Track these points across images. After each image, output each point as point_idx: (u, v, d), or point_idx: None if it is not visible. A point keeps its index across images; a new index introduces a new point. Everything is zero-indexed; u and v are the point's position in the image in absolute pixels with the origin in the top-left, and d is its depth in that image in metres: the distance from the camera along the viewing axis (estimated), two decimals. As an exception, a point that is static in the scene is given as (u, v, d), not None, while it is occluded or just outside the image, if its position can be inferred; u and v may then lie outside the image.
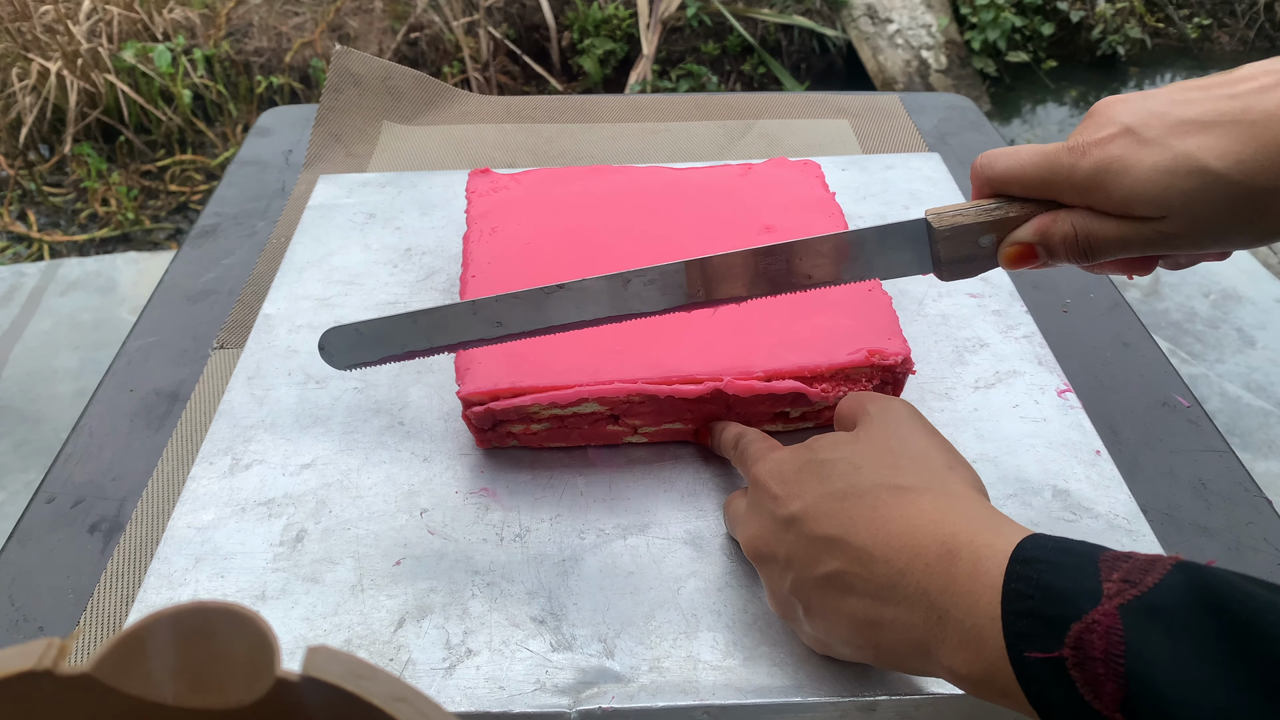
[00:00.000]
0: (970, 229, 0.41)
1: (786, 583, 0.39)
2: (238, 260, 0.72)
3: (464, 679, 0.42)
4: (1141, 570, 0.28)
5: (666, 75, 2.75)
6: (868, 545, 0.35)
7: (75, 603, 0.48)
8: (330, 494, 0.51)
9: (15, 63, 2.38)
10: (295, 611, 0.45)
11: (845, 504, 0.37)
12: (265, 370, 0.59)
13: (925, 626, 0.33)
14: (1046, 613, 0.29)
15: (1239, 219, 0.36)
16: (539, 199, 0.64)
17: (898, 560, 0.34)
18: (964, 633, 0.31)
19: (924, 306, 0.64)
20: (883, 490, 0.37)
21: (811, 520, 0.38)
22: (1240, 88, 0.36)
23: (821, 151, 0.84)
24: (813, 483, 0.39)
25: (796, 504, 0.39)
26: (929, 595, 0.33)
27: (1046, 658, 0.28)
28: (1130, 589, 0.28)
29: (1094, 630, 0.27)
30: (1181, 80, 0.38)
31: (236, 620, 0.20)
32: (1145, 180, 0.36)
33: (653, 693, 0.42)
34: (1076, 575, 0.29)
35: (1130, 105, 0.38)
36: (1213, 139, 0.35)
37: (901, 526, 0.35)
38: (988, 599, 0.31)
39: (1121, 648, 0.27)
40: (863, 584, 0.35)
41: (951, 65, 2.78)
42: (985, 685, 0.31)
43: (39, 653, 0.20)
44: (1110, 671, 0.27)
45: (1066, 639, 0.28)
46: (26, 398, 1.65)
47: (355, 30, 2.67)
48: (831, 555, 0.37)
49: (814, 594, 0.38)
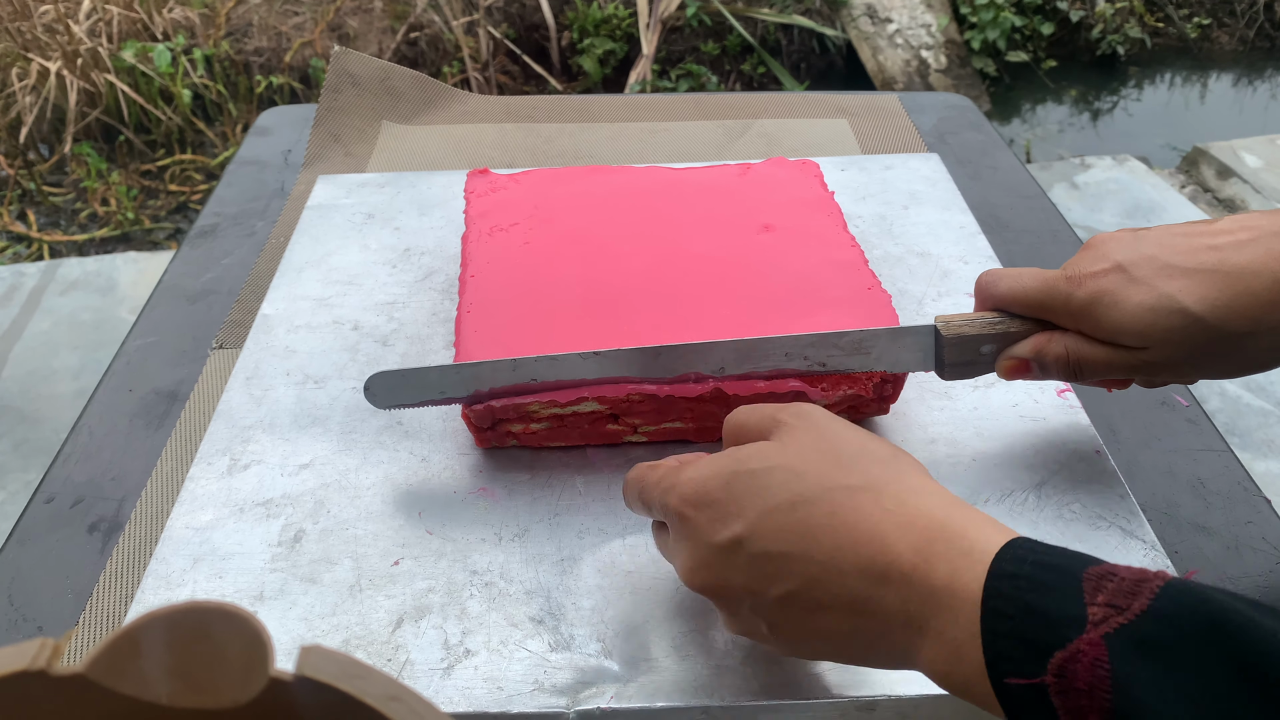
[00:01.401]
0: (974, 339, 0.45)
1: (744, 609, 0.36)
2: (237, 260, 0.72)
3: (462, 679, 0.42)
4: (1128, 594, 0.27)
5: (666, 75, 2.75)
6: (834, 558, 0.33)
7: (74, 602, 0.48)
8: (328, 494, 0.51)
9: (15, 62, 2.38)
10: (293, 612, 0.45)
11: (797, 514, 0.34)
12: (264, 370, 0.59)
13: (905, 637, 0.32)
14: (1028, 635, 0.28)
15: (1213, 355, 0.41)
16: (538, 199, 0.64)
17: (871, 570, 0.32)
18: (944, 644, 0.31)
19: (924, 306, 0.64)
20: (836, 492, 0.34)
21: (761, 539, 0.34)
22: (1219, 239, 0.41)
23: (821, 151, 0.84)
24: (750, 498, 0.35)
25: (738, 524, 0.35)
26: (908, 606, 0.32)
27: (1028, 683, 0.27)
28: (1116, 615, 0.27)
29: (1078, 660, 0.26)
30: (1170, 225, 0.43)
31: (230, 620, 0.20)
32: (1132, 315, 0.41)
33: (651, 693, 0.42)
34: (1059, 598, 0.28)
35: (1123, 244, 0.42)
36: (1193, 284, 0.40)
37: (869, 533, 0.33)
38: (967, 613, 0.30)
39: (1108, 682, 0.26)
40: (833, 599, 0.33)
41: (951, 65, 2.78)
42: (965, 693, 0.31)
43: (33, 653, 0.20)
44: (1095, 705, 0.26)
45: (1049, 666, 0.27)
46: (26, 397, 1.65)
47: (355, 30, 2.67)
48: (792, 573, 0.34)
49: (778, 614, 0.35)
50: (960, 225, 0.72)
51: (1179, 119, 2.82)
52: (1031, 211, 0.78)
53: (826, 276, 0.57)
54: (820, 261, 0.59)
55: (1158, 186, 2.26)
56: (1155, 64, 3.08)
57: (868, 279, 0.58)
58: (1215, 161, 2.34)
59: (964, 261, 0.68)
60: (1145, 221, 2.13)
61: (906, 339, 0.47)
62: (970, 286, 0.65)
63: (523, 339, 0.52)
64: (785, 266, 0.58)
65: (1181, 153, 2.52)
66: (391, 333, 0.62)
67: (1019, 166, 0.84)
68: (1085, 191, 2.25)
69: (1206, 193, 2.31)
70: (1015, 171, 0.83)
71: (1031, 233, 0.75)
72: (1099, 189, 2.25)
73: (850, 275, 0.58)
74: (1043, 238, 0.74)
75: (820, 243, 0.60)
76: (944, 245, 0.70)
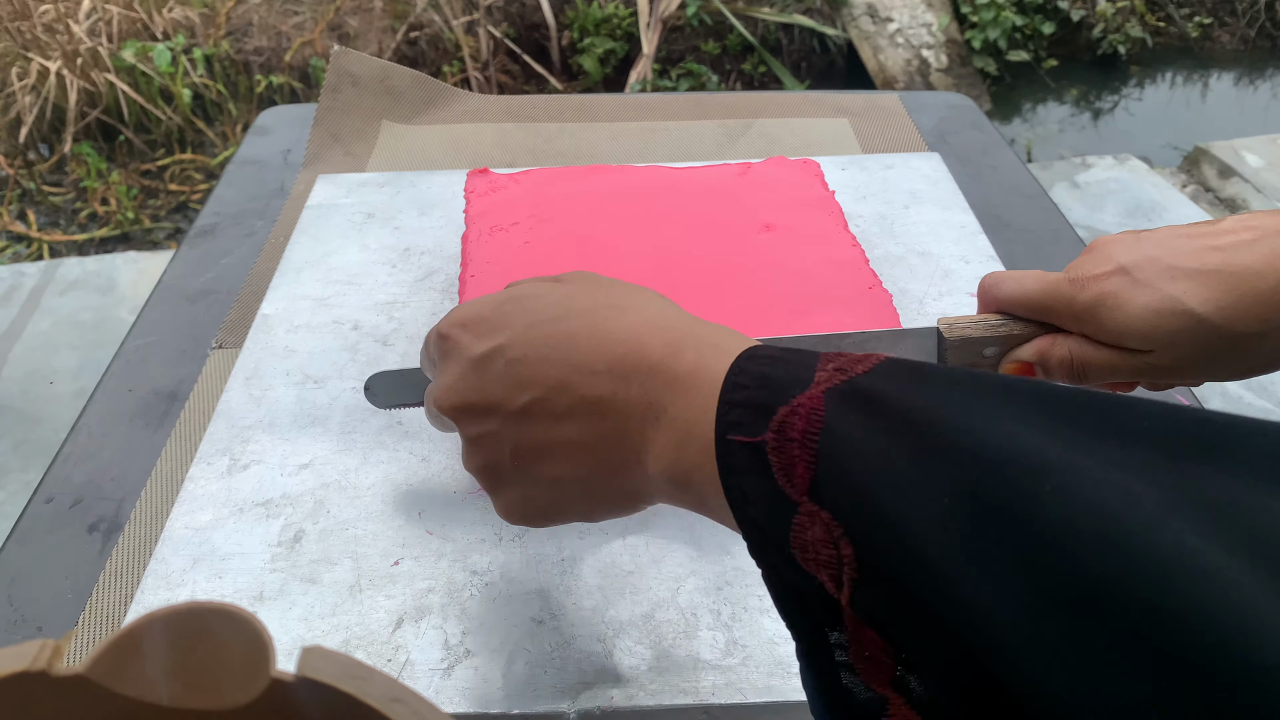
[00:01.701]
0: (977, 341, 0.45)
1: (489, 430, 0.36)
2: (236, 260, 0.72)
3: (462, 679, 0.42)
4: (855, 361, 0.28)
5: (667, 74, 2.75)
6: (587, 360, 0.33)
7: (74, 603, 0.48)
8: (328, 494, 0.51)
9: (15, 62, 2.38)
10: (293, 612, 0.45)
11: (560, 325, 0.35)
12: (263, 370, 0.59)
13: (641, 432, 0.32)
14: (759, 401, 0.28)
15: (1218, 357, 0.41)
16: (537, 199, 0.64)
17: (621, 367, 0.33)
18: (676, 428, 0.31)
19: (925, 306, 0.64)
20: (603, 308, 0.35)
21: (520, 345, 0.35)
22: (1223, 240, 0.40)
23: (821, 151, 0.84)
24: (519, 315, 0.36)
25: (501, 336, 0.36)
26: (649, 395, 0.32)
27: (749, 441, 0.27)
28: (840, 375, 0.27)
29: (798, 413, 0.27)
30: (1172, 226, 0.43)
31: (231, 621, 0.20)
32: (1136, 317, 0.40)
33: (652, 693, 0.42)
34: (795, 368, 0.29)
35: (1126, 246, 0.42)
36: (1197, 286, 0.40)
37: (625, 336, 0.33)
38: (705, 393, 0.30)
39: (819, 427, 0.26)
40: (577, 403, 0.33)
41: (952, 64, 2.78)
42: (687, 484, 0.31)
43: (33, 654, 0.20)
44: (804, 452, 0.26)
45: (771, 424, 0.27)
46: (26, 397, 1.65)
47: (355, 29, 2.67)
48: (544, 378, 0.34)
49: (520, 430, 0.35)
50: (961, 225, 0.72)
51: (1180, 118, 2.82)
52: (1032, 211, 0.78)
53: (827, 276, 0.57)
54: (821, 261, 0.59)
55: (1159, 186, 2.26)
56: (1156, 63, 3.08)
57: (869, 278, 0.57)
58: (1217, 161, 2.34)
59: (965, 261, 0.68)
60: (1147, 221, 2.13)
61: (909, 341, 0.47)
62: (971, 286, 0.65)
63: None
64: (786, 266, 0.58)
65: (1183, 152, 2.52)
66: (391, 332, 0.62)
67: (1020, 166, 0.84)
68: (1086, 191, 2.25)
69: (1208, 192, 2.31)
70: (1016, 171, 0.83)
71: (1032, 232, 0.75)
72: (1100, 188, 2.25)
73: (851, 275, 0.58)
74: (1043, 237, 0.74)
75: (821, 242, 0.60)
76: (945, 245, 0.70)
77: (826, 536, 0.25)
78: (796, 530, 0.26)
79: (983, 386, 0.26)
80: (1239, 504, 0.21)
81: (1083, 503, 0.21)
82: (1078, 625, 0.20)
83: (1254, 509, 0.21)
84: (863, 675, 0.25)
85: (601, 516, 0.37)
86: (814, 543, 0.25)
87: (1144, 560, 0.20)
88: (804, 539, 0.26)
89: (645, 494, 0.34)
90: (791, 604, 0.28)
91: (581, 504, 0.36)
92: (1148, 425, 0.23)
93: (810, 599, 0.27)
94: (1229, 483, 0.22)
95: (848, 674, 0.26)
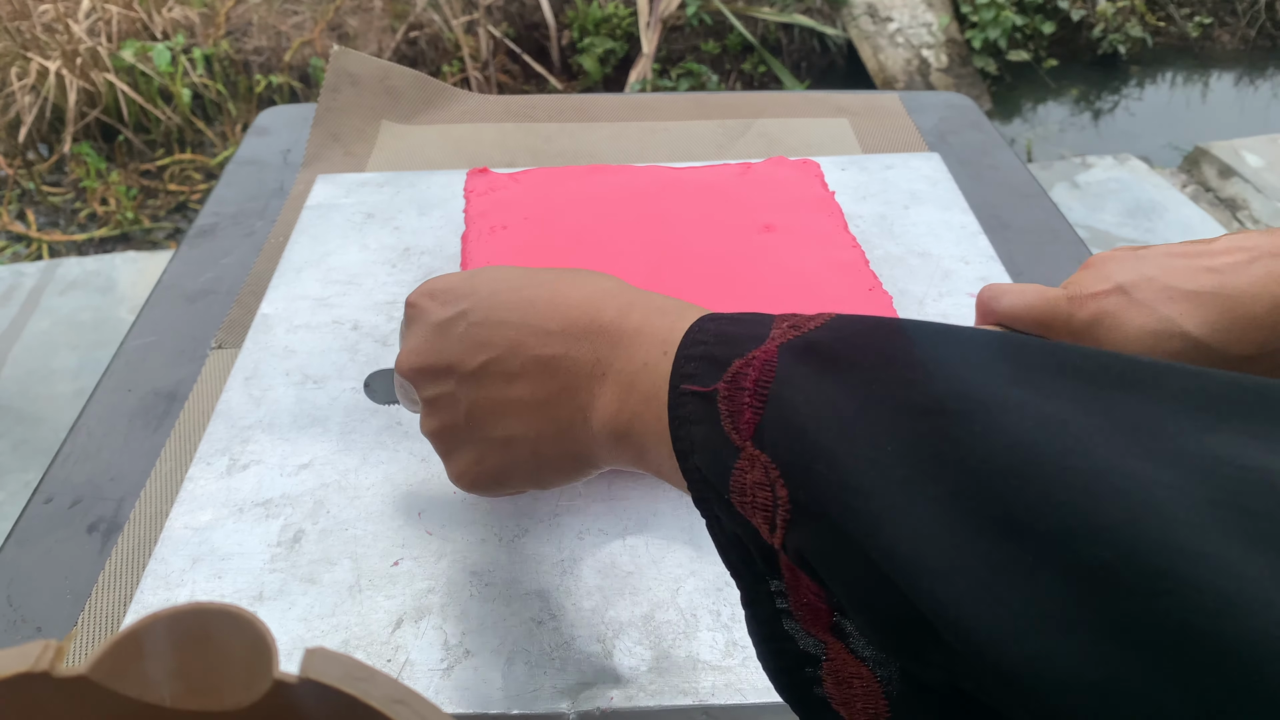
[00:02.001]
0: None
1: (446, 391, 0.38)
2: (236, 260, 0.72)
3: (462, 680, 0.42)
4: (808, 319, 0.29)
5: (666, 74, 2.75)
6: (543, 322, 0.35)
7: (73, 603, 0.48)
8: (328, 494, 0.51)
9: (14, 62, 2.38)
10: (293, 612, 0.45)
11: (523, 292, 0.36)
12: (263, 370, 0.59)
13: (588, 388, 0.34)
14: (715, 354, 0.29)
15: None
16: (537, 198, 0.64)
17: (574, 329, 0.34)
18: (619, 382, 0.32)
19: (925, 307, 0.64)
20: (563, 276, 0.37)
21: (482, 310, 0.37)
22: (1219, 261, 0.41)
23: (821, 151, 0.84)
24: (485, 284, 0.38)
25: (465, 302, 0.38)
26: (597, 353, 0.33)
27: (701, 391, 0.29)
28: (794, 331, 0.28)
29: (751, 364, 0.28)
30: (1167, 245, 0.43)
31: (233, 622, 0.20)
32: (1134, 338, 0.41)
33: (652, 693, 0.42)
34: (753, 325, 0.30)
35: (1124, 265, 0.42)
36: (1194, 308, 0.40)
37: (582, 300, 0.35)
38: (647, 346, 0.32)
39: (771, 376, 0.27)
40: (529, 362, 0.35)
41: (952, 64, 2.78)
42: (624, 437, 0.32)
43: (35, 654, 0.20)
44: (753, 399, 0.27)
45: (725, 375, 0.28)
46: (25, 397, 1.65)
47: (354, 29, 2.67)
48: (501, 340, 0.36)
49: (476, 389, 0.37)
50: (961, 225, 0.72)
51: (1180, 118, 2.82)
52: (1032, 211, 0.78)
53: (827, 277, 0.57)
54: (821, 262, 0.59)
55: (1159, 186, 2.26)
56: (1156, 63, 3.08)
57: (869, 279, 0.57)
58: (1217, 161, 2.34)
59: (965, 261, 0.68)
60: (1147, 221, 2.13)
61: None
62: (971, 286, 0.65)
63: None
64: (786, 267, 0.58)
65: (1183, 152, 2.52)
66: (391, 332, 0.62)
67: (1020, 166, 0.84)
68: (1086, 191, 2.25)
69: (1208, 192, 2.31)
70: (1016, 171, 0.83)
71: (1032, 232, 0.75)
72: (1100, 188, 2.25)
73: (851, 276, 0.58)
74: (1044, 237, 0.74)
75: (821, 243, 0.60)
76: (945, 245, 0.70)
77: (764, 479, 0.26)
78: (736, 474, 0.27)
79: (926, 336, 0.27)
80: (1160, 426, 0.22)
81: (1009, 438, 0.22)
82: (1000, 552, 0.21)
83: (1173, 431, 0.22)
84: (802, 621, 0.26)
85: (550, 482, 0.38)
86: (752, 486, 0.26)
87: (1061, 485, 0.21)
88: (743, 482, 0.27)
89: (591, 455, 0.35)
90: (733, 553, 0.29)
91: (531, 466, 0.37)
92: (1080, 362, 0.25)
93: (750, 547, 0.28)
94: (1153, 409, 0.23)
95: (788, 620, 0.27)
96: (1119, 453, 0.21)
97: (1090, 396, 0.23)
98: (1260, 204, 2.20)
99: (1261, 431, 0.21)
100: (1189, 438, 0.21)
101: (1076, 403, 0.23)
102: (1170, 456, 0.21)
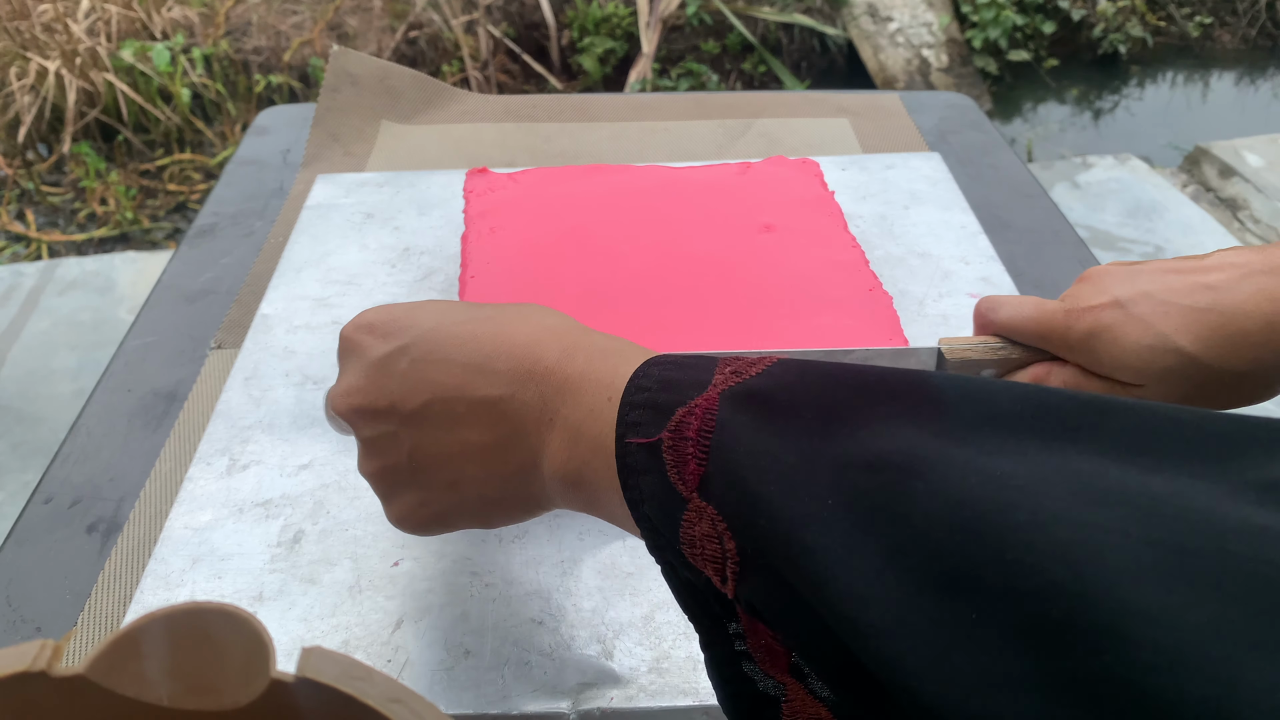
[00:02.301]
0: (977, 362, 0.46)
1: (387, 431, 0.36)
2: (235, 260, 0.72)
3: (463, 680, 0.42)
4: (750, 364, 0.29)
5: (666, 74, 2.75)
6: (489, 361, 0.34)
7: (73, 603, 0.48)
8: (328, 495, 0.51)
9: (14, 62, 2.38)
10: (293, 613, 0.45)
11: (466, 326, 0.35)
12: (263, 370, 0.59)
13: (537, 434, 0.33)
14: (658, 402, 0.29)
15: (1207, 392, 0.41)
16: (537, 199, 0.64)
17: (518, 372, 0.33)
18: (567, 429, 0.32)
19: (925, 307, 0.64)
20: (508, 313, 0.36)
21: (425, 344, 0.35)
22: (1212, 277, 0.41)
23: (822, 151, 0.84)
24: (426, 317, 0.36)
25: (406, 336, 0.36)
26: (544, 398, 0.32)
27: (646, 442, 0.28)
28: (736, 377, 0.28)
29: (694, 413, 0.28)
30: (1162, 260, 0.44)
31: (231, 621, 0.20)
32: (1130, 352, 0.41)
33: (652, 694, 0.42)
34: (695, 371, 0.29)
35: (1120, 279, 0.43)
36: (1189, 324, 0.40)
37: (525, 340, 0.34)
38: (591, 394, 0.31)
39: (713, 425, 0.27)
40: (475, 405, 0.34)
41: (952, 64, 2.78)
42: (577, 485, 0.31)
43: (33, 654, 0.20)
44: (697, 450, 0.27)
45: (669, 423, 0.28)
46: (25, 398, 1.65)
47: (354, 29, 2.67)
48: (445, 379, 0.34)
49: (418, 432, 0.35)
50: (961, 225, 0.72)
51: (1181, 118, 2.82)
52: (1033, 211, 0.78)
53: (827, 277, 0.57)
54: (821, 262, 0.59)
55: (1159, 186, 2.26)
56: (1157, 63, 3.08)
57: (869, 280, 0.57)
58: (1217, 161, 2.34)
59: (965, 262, 0.68)
60: (1147, 221, 2.13)
61: (910, 361, 0.48)
62: (972, 287, 0.65)
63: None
64: (786, 267, 0.58)
65: (1183, 152, 2.52)
66: (391, 332, 0.62)
67: (1020, 166, 0.84)
68: (1087, 191, 2.25)
69: (1209, 192, 2.31)
70: (1016, 171, 0.83)
71: (1033, 232, 0.75)
72: (1100, 188, 2.25)
73: (851, 276, 0.58)
74: (1044, 237, 0.74)
75: (821, 243, 0.60)
76: (945, 245, 0.70)
77: (712, 530, 0.26)
78: (685, 526, 0.27)
79: (866, 385, 0.27)
80: (1102, 471, 0.22)
81: (952, 494, 0.22)
82: (944, 610, 0.21)
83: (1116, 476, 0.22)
84: (761, 663, 0.26)
85: (497, 522, 0.37)
86: (701, 538, 0.26)
87: (1003, 542, 0.21)
88: (692, 534, 0.27)
89: (543, 498, 0.35)
90: (689, 598, 0.28)
91: (477, 508, 0.36)
92: (1019, 409, 0.25)
93: (705, 593, 0.27)
94: (1096, 454, 0.23)
95: (748, 663, 0.27)
96: (1062, 503, 0.21)
97: (1036, 447, 0.23)
98: (1261, 204, 2.20)
99: (1199, 471, 0.22)
100: (1131, 480, 0.22)
101: (1019, 455, 0.23)
102: (1113, 501, 0.21)
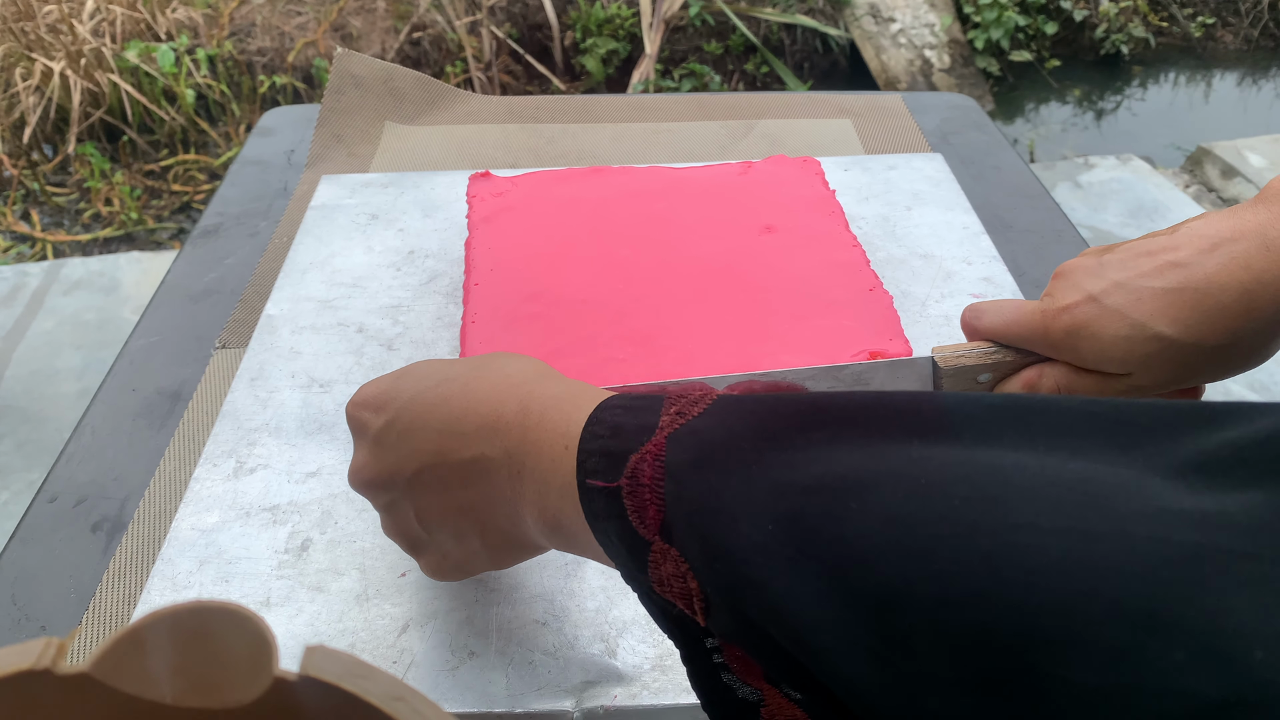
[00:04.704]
0: (971, 369, 0.47)
1: (395, 500, 0.38)
2: (240, 260, 0.72)
3: (467, 679, 0.42)
4: (692, 403, 0.30)
5: (669, 75, 2.75)
6: (459, 423, 0.35)
7: (77, 602, 0.48)
8: (336, 505, 0.51)
9: (19, 62, 2.38)
10: (300, 618, 0.45)
11: (438, 390, 0.37)
12: (268, 372, 0.59)
13: (512, 487, 0.34)
14: (612, 449, 0.30)
15: (1195, 369, 0.42)
16: (539, 202, 0.64)
17: (485, 429, 0.34)
18: (535, 480, 0.33)
19: (926, 308, 0.64)
20: (472, 370, 0.37)
21: (407, 415, 0.37)
22: (1181, 254, 0.41)
23: (824, 151, 0.84)
24: (406, 387, 0.38)
25: (391, 410, 0.38)
26: (509, 452, 0.33)
27: (606, 487, 0.29)
28: (680, 419, 0.29)
29: (645, 459, 0.29)
30: (1130, 242, 0.43)
31: (235, 620, 0.20)
32: (1110, 345, 0.41)
33: (655, 691, 0.42)
34: (644, 414, 0.30)
35: (1091, 272, 0.43)
36: (1164, 307, 0.40)
37: (487, 396, 0.35)
38: (549, 442, 0.32)
39: (663, 471, 0.28)
40: (457, 467, 0.35)
41: (955, 64, 2.77)
42: (556, 530, 0.32)
43: (37, 652, 0.20)
44: (654, 496, 0.28)
45: (625, 470, 0.29)
46: (30, 397, 1.65)
47: (358, 30, 2.67)
48: (428, 445, 0.36)
49: (418, 497, 0.37)
50: (964, 226, 0.72)
51: (1183, 118, 2.82)
52: (1035, 211, 0.78)
53: (829, 278, 0.57)
54: (822, 263, 0.59)
55: (1162, 186, 2.26)
56: (1159, 63, 3.08)
57: (870, 280, 0.58)
58: (1219, 161, 2.34)
59: (967, 262, 0.68)
60: (1149, 221, 2.13)
61: (905, 370, 0.48)
62: (974, 287, 0.65)
63: (528, 347, 0.53)
64: (787, 268, 0.58)
65: (1186, 152, 2.51)
66: (396, 336, 0.62)
67: (1023, 166, 0.84)
68: (1089, 191, 2.25)
69: (1211, 192, 2.31)
70: (1019, 171, 0.83)
71: (1035, 233, 0.75)
72: (1103, 189, 2.25)
73: (852, 277, 0.58)
74: (1046, 238, 0.74)
75: (822, 244, 0.60)
76: (947, 246, 0.70)
77: (677, 570, 0.27)
78: (652, 566, 0.28)
79: (801, 412, 0.28)
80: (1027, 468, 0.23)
81: (885, 513, 0.24)
82: (885, 624, 0.22)
83: (1035, 469, 0.23)
84: (738, 674, 0.28)
85: (511, 563, 0.40)
86: (668, 577, 0.28)
87: (930, 555, 0.22)
88: (660, 574, 0.28)
89: (538, 542, 0.36)
90: (666, 621, 0.30)
91: (487, 555, 0.38)
92: (948, 421, 0.26)
93: (680, 618, 0.29)
94: (1024, 452, 0.24)
95: (726, 673, 0.28)
96: (980, 509, 0.22)
97: (962, 458, 0.24)
98: (1264, 204, 2.19)
99: (1112, 458, 0.23)
100: (1052, 473, 0.23)
101: (946, 465, 0.24)
102: (1028, 495, 0.22)
